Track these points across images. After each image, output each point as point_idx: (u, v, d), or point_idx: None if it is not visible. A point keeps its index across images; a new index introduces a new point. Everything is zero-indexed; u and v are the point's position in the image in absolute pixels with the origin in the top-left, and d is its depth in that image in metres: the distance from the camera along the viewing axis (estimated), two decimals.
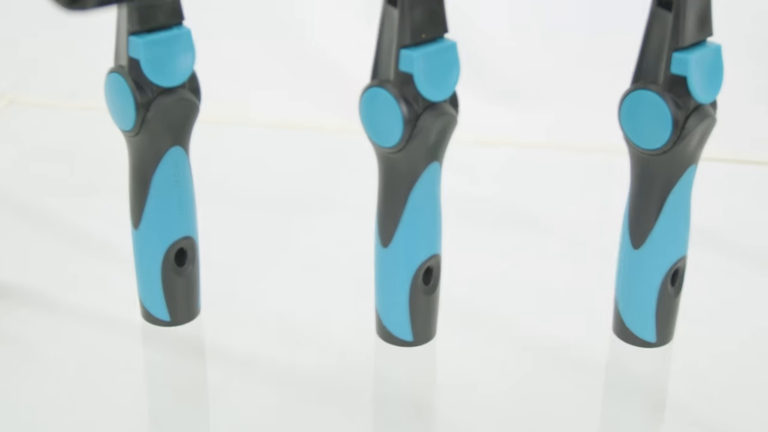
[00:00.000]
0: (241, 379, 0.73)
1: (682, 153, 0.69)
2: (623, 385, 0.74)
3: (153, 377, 0.76)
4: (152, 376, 0.76)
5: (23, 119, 1.26)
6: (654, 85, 0.68)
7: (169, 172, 0.72)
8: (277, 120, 1.23)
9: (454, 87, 0.67)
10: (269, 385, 0.73)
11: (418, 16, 0.65)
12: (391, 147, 0.67)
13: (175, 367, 0.75)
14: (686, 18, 0.66)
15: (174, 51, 0.69)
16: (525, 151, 1.15)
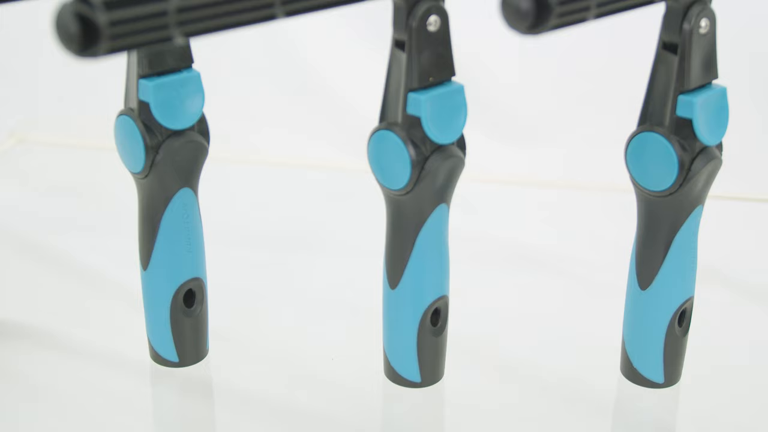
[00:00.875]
0: (249, 420, 0.73)
1: (688, 195, 0.69)
2: (631, 426, 0.74)
3: (161, 418, 0.76)
4: (160, 417, 0.76)
5: (32, 157, 1.26)
6: (660, 128, 0.68)
7: (178, 213, 0.73)
8: (285, 159, 1.23)
9: (462, 130, 0.67)
10: (277, 425, 0.73)
11: (426, 60, 0.65)
12: (398, 189, 0.67)
13: (183, 408, 0.75)
14: (692, 61, 0.67)
15: (183, 94, 0.69)
16: (532, 190, 1.16)
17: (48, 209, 1.11)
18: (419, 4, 0.64)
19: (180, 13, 0.51)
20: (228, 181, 1.16)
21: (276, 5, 0.55)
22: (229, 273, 0.93)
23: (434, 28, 0.65)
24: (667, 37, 0.67)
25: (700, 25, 0.66)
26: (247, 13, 0.54)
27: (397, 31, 0.65)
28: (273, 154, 1.24)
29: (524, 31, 0.54)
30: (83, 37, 0.49)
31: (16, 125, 1.32)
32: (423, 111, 0.65)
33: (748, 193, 1.13)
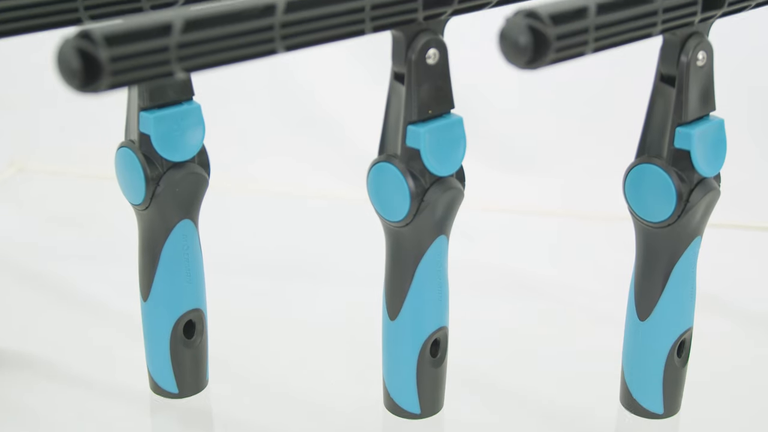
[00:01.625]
0: None
1: (686, 226, 0.69)
2: None
3: None
4: None
5: (32, 186, 1.27)
6: (658, 159, 0.68)
7: (179, 245, 0.73)
8: (285, 188, 1.24)
9: (461, 162, 0.68)
10: None
11: (425, 93, 0.66)
12: (398, 221, 0.68)
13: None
14: (689, 94, 0.67)
15: (184, 126, 0.70)
16: (532, 219, 1.16)
17: (48, 238, 1.11)
18: (418, 37, 0.65)
19: (181, 48, 0.52)
20: (228, 210, 1.16)
21: (276, 40, 0.56)
22: (229, 302, 0.93)
23: (433, 61, 0.65)
24: (664, 70, 0.68)
25: (698, 57, 0.67)
26: (248, 48, 0.55)
27: (396, 64, 0.66)
28: (273, 184, 1.25)
29: (522, 66, 0.54)
30: (85, 73, 0.49)
31: (16, 154, 1.32)
32: (422, 143, 0.65)
33: (747, 221, 1.13)
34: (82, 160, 1.29)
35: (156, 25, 0.51)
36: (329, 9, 0.58)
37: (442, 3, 0.64)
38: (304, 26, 0.57)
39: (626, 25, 0.59)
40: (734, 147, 0.76)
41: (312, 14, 0.57)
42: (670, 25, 0.63)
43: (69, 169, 1.29)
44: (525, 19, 0.54)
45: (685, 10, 0.63)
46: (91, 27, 0.49)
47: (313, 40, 0.58)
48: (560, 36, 0.54)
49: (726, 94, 0.80)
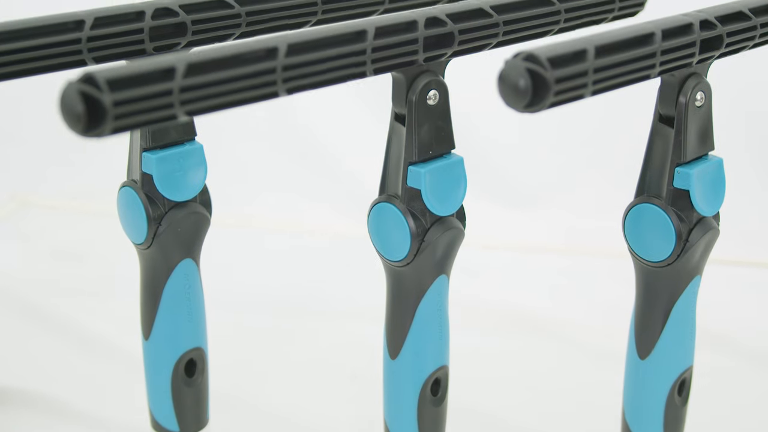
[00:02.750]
0: None
1: (686, 265, 0.69)
2: None
3: None
4: None
5: (34, 221, 1.27)
6: (657, 199, 0.69)
7: (180, 284, 0.73)
8: (285, 224, 1.24)
9: (461, 201, 0.68)
10: None
11: (426, 134, 0.66)
12: (399, 261, 0.68)
13: None
14: (688, 134, 0.67)
15: (186, 166, 0.70)
16: (533, 256, 1.16)
17: (49, 273, 1.11)
18: (419, 78, 0.65)
19: (184, 92, 0.52)
20: (229, 247, 1.17)
21: (278, 83, 0.56)
22: (230, 339, 0.93)
23: (434, 102, 0.66)
24: (663, 110, 0.68)
25: (696, 98, 0.67)
26: (251, 91, 0.55)
27: (396, 105, 0.66)
28: (274, 220, 1.25)
29: (521, 109, 0.55)
30: (88, 117, 0.50)
31: (18, 188, 1.32)
32: (423, 184, 0.66)
33: (744, 257, 1.14)
34: (84, 195, 1.30)
35: (159, 69, 0.52)
36: (331, 52, 0.59)
37: (443, 45, 0.65)
38: (305, 69, 0.57)
39: (625, 68, 0.60)
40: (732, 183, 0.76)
41: (313, 57, 0.58)
42: (668, 66, 0.63)
43: (71, 204, 1.30)
44: (524, 62, 0.55)
45: (684, 51, 0.64)
46: (95, 70, 0.50)
47: (315, 82, 0.58)
48: (559, 79, 0.55)
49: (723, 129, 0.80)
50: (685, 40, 0.64)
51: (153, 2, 0.68)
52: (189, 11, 0.69)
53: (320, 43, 0.58)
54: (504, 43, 0.70)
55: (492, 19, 0.68)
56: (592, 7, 0.76)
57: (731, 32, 0.67)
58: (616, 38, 0.60)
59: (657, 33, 0.62)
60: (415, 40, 0.63)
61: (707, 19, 0.66)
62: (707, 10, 0.67)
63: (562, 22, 0.74)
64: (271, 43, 0.56)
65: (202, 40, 0.70)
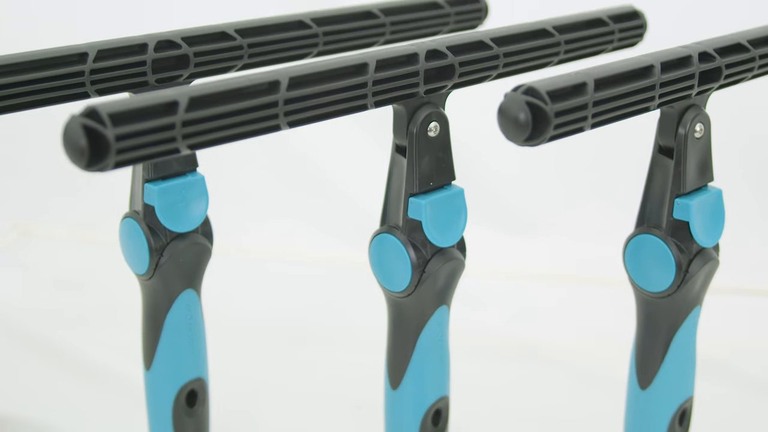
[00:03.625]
0: None
1: (686, 296, 0.70)
2: None
3: None
4: None
5: (35, 250, 1.27)
6: (657, 230, 0.69)
7: (182, 315, 0.74)
8: (286, 253, 1.24)
9: (462, 233, 0.68)
10: None
11: (426, 165, 0.66)
12: (399, 292, 0.68)
13: None
14: (687, 165, 0.68)
15: (188, 198, 0.71)
16: (533, 284, 1.16)
17: (50, 302, 1.11)
18: (419, 110, 0.65)
19: (186, 126, 0.52)
20: (229, 276, 1.17)
21: (280, 116, 0.56)
22: (230, 369, 0.93)
23: (434, 134, 0.66)
24: (662, 141, 0.69)
25: (695, 129, 0.68)
26: (253, 125, 0.56)
27: (397, 136, 0.67)
28: (274, 249, 1.25)
29: (521, 143, 0.55)
30: (91, 151, 0.50)
31: (19, 217, 1.33)
32: (424, 215, 0.66)
33: (746, 284, 1.14)
34: (86, 225, 1.30)
35: (161, 103, 0.52)
36: (332, 85, 0.59)
37: (443, 77, 0.65)
38: (307, 103, 0.58)
39: (624, 101, 0.60)
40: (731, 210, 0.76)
41: (315, 91, 0.58)
42: (667, 99, 0.64)
43: (72, 233, 1.30)
44: (524, 96, 0.55)
45: (683, 84, 0.64)
46: (98, 104, 0.50)
47: (316, 116, 0.59)
48: (559, 112, 0.55)
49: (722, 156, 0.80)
50: (684, 73, 0.64)
51: (155, 34, 0.69)
52: (191, 43, 0.69)
53: (321, 76, 0.59)
54: (504, 74, 0.70)
55: (492, 51, 0.68)
56: (592, 38, 0.77)
57: (730, 64, 0.68)
58: (615, 71, 0.60)
59: (656, 65, 0.62)
60: (416, 72, 0.64)
61: (706, 51, 0.66)
62: (706, 42, 0.68)
63: (562, 54, 0.74)
64: (272, 77, 0.57)
65: (204, 71, 0.71)
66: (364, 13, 0.79)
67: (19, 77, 0.63)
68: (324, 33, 0.76)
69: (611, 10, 0.80)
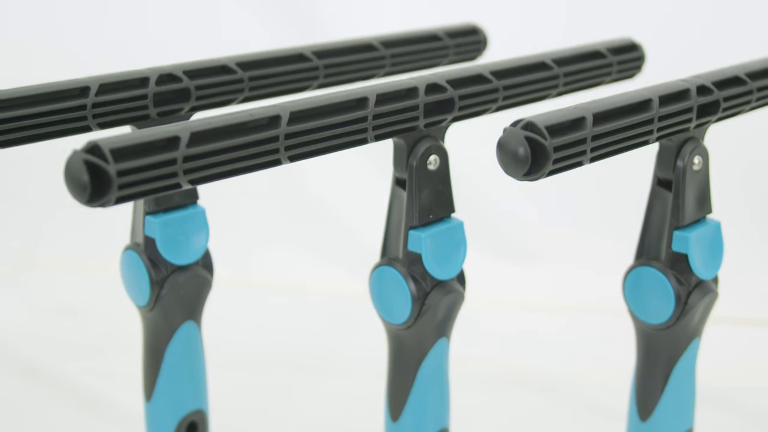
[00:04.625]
0: None
1: (685, 328, 0.70)
2: None
3: None
4: None
5: (36, 279, 1.27)
6: (656, 262, 0.69)
7: (182, 347, 0.74)
8: (286, 283, 1.24)
9: (462, 265, 0.69)
10: None
11: (426, 198, 0.67)
12: (400, 324, 0.68)
13: None
14: (686, 198, 0.68)
15: (189, 230, 0.71)
16: (534, 313, 1.16)
17: (51, 332, 1.11)
18: (419, 144, 0.66)
19: (187, 161, 0.53)
20: (229, 305, 1.17)
21: (281, 151, 0.57)
22: (231, 399, 0.93)
23: (434, 167, 0.66)
24: (661, 174, 0.69)
25: (694, 162, 0.68)
26: (254, 159, 0.56)
27: (397, 169, 0.67)
28: (274, 278, 1.25)
29: (520, 177, 0.55)
30: (93, 186, 0.50)
31: (20, 246, 1.33)
32: (423, 248, 0.66)
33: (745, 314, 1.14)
34: (87, 254, 1.30)
35: (163, 138, 0.53)
36: (332, 120, 0.59)
37: (443, 111, 0.66)
38: (307, 137, 0.58)
39: (623, 134, 0.60)
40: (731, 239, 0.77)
41: (315, 125, 0.58)
42: (666, 132, 0.64)
43: (74, 263, 1.30)
44: (523, 131, 0.56)
45: (681, 117, 0.65)
46: (100, 140, 0.51)
47: (317, 150, 0.59)
48: (558, 147, 0.56)
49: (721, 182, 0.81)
50: (682, 106, 0.65)
51: (157, 68, 0.69)
52: (192, 77, 0.70)
53: (322, 111, 0.59)
54: (504, 107, 0.71)
55: (491, 84, 0.69)
56: (590, 71, 0.77)
57: (728, 97, 0.68)
58: (613, 105, 0.60)
59: (654, 99, 0.63)
60: (415, 106, 0.64)
61: (704, 84, 0.67)
62: (704, 76, 0.68)
63: (561, 86, 0.75)
64: (273, 112, 0.57)
65: (205, 104, 0.71)
66: (364, 46, 0.79)
67: (22, 111, 0.63)
68: (324, 66, 0.76)
69: (610, 42, 0.80)
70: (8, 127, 0.63)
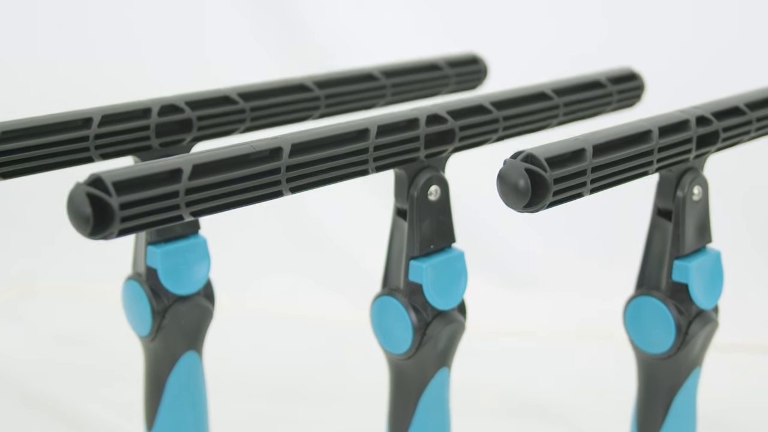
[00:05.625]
0: None
1: (686, 357, 0.70)
2: None
3: None
4: None
5: (36, 306, 1.27)
6: (657, 292, 0.69)
7: (183, 376, 0.74)
8: (287, 311, 1.24)
9: (462, 295, 0.69)
10: None
11: (427, 229, 0.67)
12: (401, 354, 0.68)
13: None
14: (686, 227, 0.68)
15: (190, 260, 0.71)
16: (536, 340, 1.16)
17: (52, 359, 1.11)
18: (420, 174, 0.66)
19: (189, 193, 0.53)
20: (230, 333, 1.17)
21: (282, 183, 0.57)
22: (232, 428, 0.93)
23: (435, 198, 0.67)
24: (661, 204, 0.69)
25: (693, 192, 0.68)
26: (255, 191, 0.56)
27: (398, 200, 0.67)
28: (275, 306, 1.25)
29: (520, 209, 0.56)
30: (96, 219, 0.51)
31: (21, 273, 1.33)
32: (424, 278, 0.66)
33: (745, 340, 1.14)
34: (88, 281, 1.30)
35: (165, 171, 0.53)
36: (334, 151, 0.60)
37: (444, 141, 0.66)
38: (309, 169, 0.58)
39: (623, 166, 0.61)
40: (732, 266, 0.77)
41: (317, 157, 0.59)
42: (665, 163, 0.64)
43: (75, 290, 1.30)
44: (523, 163, 0.56)
45: (681, 148, 0.65)
46: (102, 173, 0.51)
47: (318, 181, 0.59)
48: (558, 179, 0.56)
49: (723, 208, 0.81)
50: (681, 137, 0.65)
51: (159, 99, 0.70)
52: (194, 107, 0.70)
53: (323, 143, 0.60)
54: (504, 137, 0.71)
55: (492, 115, 0.69)
56: (591, 100, 0.78)
57: (727, 127, 0.68)
58: (613, 136, 0.61)
59: (654, 130, 0.63)
60: (416, 137, 0.64)
61: (703, 115, 0.67)
62: (703, 106, 0.69)
63: (561, 116, 0.75)
64: (274, 144, 0.57)
65: (207, 135, 0.71)
66: (365, 76, 0.80)
67: (25, 143, 0.63)
68: (326, 96, 0.77)
69: (609, 72, 0.81)
70: (11, 158, 0.63)
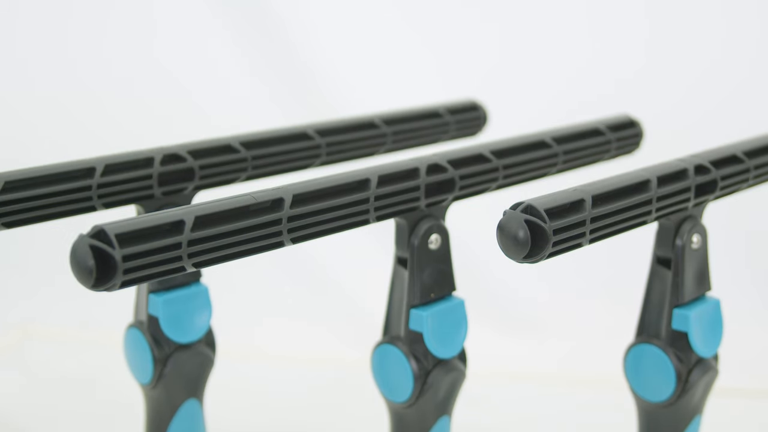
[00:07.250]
0: None
1: (686, 405, 0.70)
2: None
3: None
4: None
5: (36, 351, 1.27)
6: (657, 340, 0.70)
7: (184, 424, 0.74)
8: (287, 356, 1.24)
9: (463, 343, 0.69)
10: None
11: (427, 277, 0.67)
12: (401, 402, 0.68)
13: None
14: (685, 276, 0.69)
15: (192, 308, 0.71)
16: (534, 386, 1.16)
17: (51, 404, 1.11)
18: (420, 223, 0.66)
19: (192, 245, 0.53)
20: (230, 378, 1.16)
21: (284, 234, 0.58)
22: None
23: (435, 246, 0.67)
24: (660, 253, 0.69)
25: (692, 240, 0.69)
26: (257, 242, 0.57)
27: (399, 248, 0.68)
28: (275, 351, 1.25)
29: (520, 260, 0.56)
30: (99, 271, 0.51)
31: (21, 318, 1.33)
32: (425, 327, 0.67)
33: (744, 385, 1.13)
34: (89, 326, 1.30)
35: (167, 223, 0.53)
36: (335, 202, 0.60)
37: (444, 190, 0.67)
38: (310, 219, 0.59)
39: (622, 216, 0.61)
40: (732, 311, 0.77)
41: (318, 207, 0.59)
42: (664, 212, 0.65)
43: (75, 334, 1.30)
44: (522, 214, 0.56)
45: (679, 197, 0.66)
46: (105, 225, 0.51)
47: (319, 231, 0.60)
48: (558, 230, 0.56)
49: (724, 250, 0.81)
50: (680, 186, 0.66)
51: (161, 148, 0.70)
52: (196, 156, 0.71)
53: (324, 193, 0.60)
54: (504, 185, 0.71)
55: (491, 164, 0.69)
56: (590, 148, 0.78)
57: (725, 176, 0.69)
58: (612, 186, 0.61)
59: (652, 180, 0.64)
60: (417, 187, 0.65)
61: (701, 163, 0.68)
62: (701, 155, 0.69)
63: (561, 164, 0.76)
64: (276, 195, 0.58)
65: (209, 183, 0.72)
66: (365, 124, 0.81)
67: (28, 193, 0.63)
68: (327, 144, 0.77)
69: (608, 119, 0.81)
70: (14, 208, 0.63)
